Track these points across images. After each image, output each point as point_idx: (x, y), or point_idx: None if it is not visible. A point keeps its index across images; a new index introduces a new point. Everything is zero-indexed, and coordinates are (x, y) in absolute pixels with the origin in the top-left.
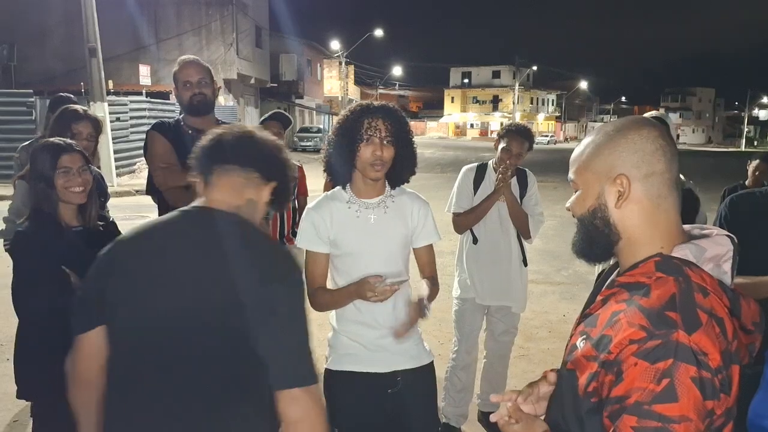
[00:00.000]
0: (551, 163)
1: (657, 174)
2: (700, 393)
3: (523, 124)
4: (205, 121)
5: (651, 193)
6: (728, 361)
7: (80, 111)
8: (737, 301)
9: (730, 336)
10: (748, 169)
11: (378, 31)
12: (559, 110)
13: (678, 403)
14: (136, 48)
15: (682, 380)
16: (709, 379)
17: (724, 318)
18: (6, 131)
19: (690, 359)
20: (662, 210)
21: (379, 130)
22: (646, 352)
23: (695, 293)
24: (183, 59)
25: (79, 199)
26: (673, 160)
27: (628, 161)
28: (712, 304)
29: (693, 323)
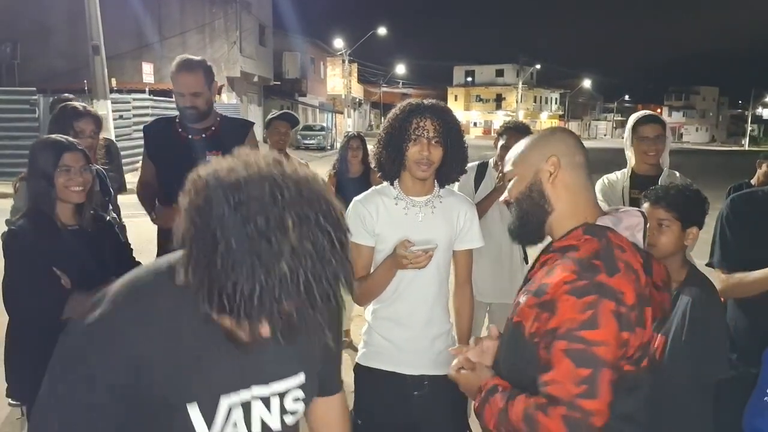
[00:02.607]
0: None
1: (578, 164)
2: (617, 324)
3: (522, 122)
4: (203, 122)
5: (575, 175)
6: (642, 302)
7: (81, 108)
8: (649, 261)
9: (642, 284)
10: (758, 168)
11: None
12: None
13: (599, 330)
14: (140, 46)
15: (603, 312)
16: (625, 313)
17: (638, 270)
18: (9, 129)
19: (610, 296)
20: (584, 190)
21: (426, 130)
22: (575, 289)
23: (615, 249)
24: (178, 62)
25: (79, 198)
26: (585, 155)
27: (558, 149)
28: (629, 259)
29: (613, 269)
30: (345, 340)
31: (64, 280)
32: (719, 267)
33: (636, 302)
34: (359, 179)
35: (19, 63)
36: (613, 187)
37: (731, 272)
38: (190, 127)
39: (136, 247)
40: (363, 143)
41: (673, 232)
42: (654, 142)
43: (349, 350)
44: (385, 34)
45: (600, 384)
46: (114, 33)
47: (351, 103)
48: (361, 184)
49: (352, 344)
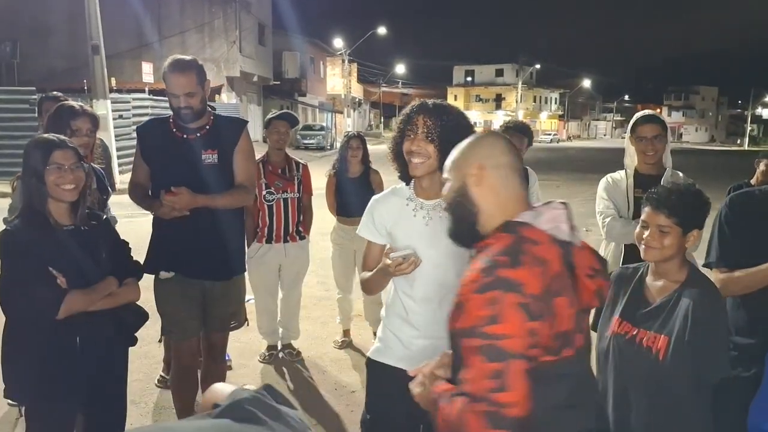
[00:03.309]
0: (554, 161)
1: (504, 165)
2: (523, 314)
3: (521, 121)
4: (197, 122)
5: (500, 177)
6: (551, 293)
7: (77, 107)
8: (569, 251)
9: (553, 274)
10: (756, 167)
11: (381, 29)
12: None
13: (504, 324)
14: (139, 45)
15: (507, 306)
16: (529, 303)
17: (549, 260)
18: (8, 128)
19: (513, 289)
20: (508, 188)
21: (417, 126)
22: (480, 287)
23: (524, 243)
24: (172, 62)
25: (71, 196)
26: (514, 156)
27: (482, 154)
28: (539, 251)
29: (516, 262)
30: (345, 339)
31: (60, 279)
32: (717, 266)
33: (542, 292)
34: (359, 179)
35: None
36: (617, 186)
37: (731, 271)
38: (185, 127)
39: (135, 247)
40: (363, 143)
41: (674, 237)
42: (652, 142)
43: (349, 350)
44: (384, 34)
45: (511, 376)
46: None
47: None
48: (360, 184)
49: (351, 344)
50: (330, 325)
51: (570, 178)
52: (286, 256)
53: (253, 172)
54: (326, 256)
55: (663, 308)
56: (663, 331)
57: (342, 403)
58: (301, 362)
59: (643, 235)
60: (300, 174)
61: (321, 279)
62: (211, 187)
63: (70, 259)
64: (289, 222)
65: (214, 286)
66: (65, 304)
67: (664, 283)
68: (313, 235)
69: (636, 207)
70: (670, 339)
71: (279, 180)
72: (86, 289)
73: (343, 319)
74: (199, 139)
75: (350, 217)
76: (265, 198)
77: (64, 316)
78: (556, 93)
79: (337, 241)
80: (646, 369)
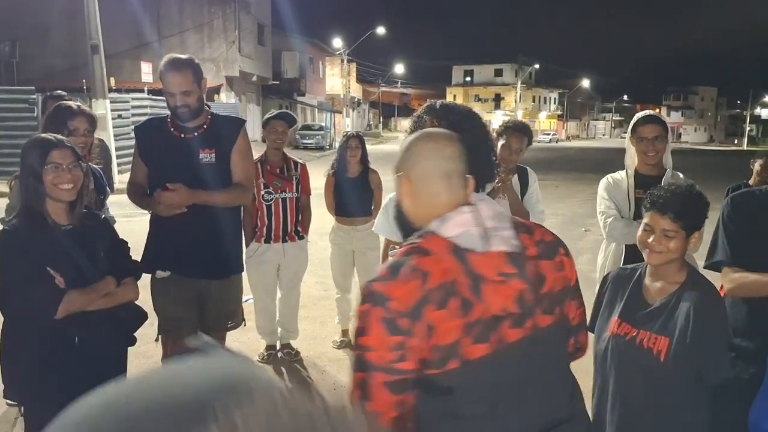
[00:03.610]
0: (553, 161)
1: (422, 171)
2: (385, 329)
3: (521, 120)
4: (195, 120)
5: (420, 185)
6: (425, 306)
7: (74, 107)
8: (464, 258)
9: (432, 287)
10: (752, 167)
11: (380, 28)
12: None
13: (369, 336)
14: (138, 45)
15: (373, 319)
16: (392, 318)
17: (431, 273)
18: (7, 128)
19: (379, 303)
20: (427, 195)
21: (424, 127)
22: (361, 299)
23: (412, 255)
24: (167, 61)
25: (68, 196)
26: (437, 160)
27: (405, 164)
28: (424, 264)
29: (390, 277)
30: (343, 339)
31: (58, 279)
32: (729, 265)
33: (412, 308)
34: (358, 179)
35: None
36: (618, 186)
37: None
38: (183, 126)
39: (134, 247)
40: (362, 143)
41: (679, 240)
42: (653, 143)
43: (348, 350)
44: (383, 34)
45: (372, 387)
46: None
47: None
48: (359, 184)
49: (350, 344)
50: (329, 325)
51: (569, 177)
52: (285, 255)
53: (250, 171)
54: (325, 255)
55: (663, 309)
56: (664, 332)
57: None
58: (300, 362)
59: (648, 239)
60: (298, 174)
61: (320, 279)
62: (209, 186)
63: (68, 259)
64: (287, 222)
65: (210, 286)
66: (63, 304)
67: (664, 284)
68: (311, 235)
69: (637, 207)
70: (671, 340)
71: (277, 180)
72: (84, 289)
73: (342, 319)
74: (197, 138)
75: (349, 217)
76: (264, 198)
77: (63, 316)
78: (555, 93)
79: (335, 241)
80: (647, 370)
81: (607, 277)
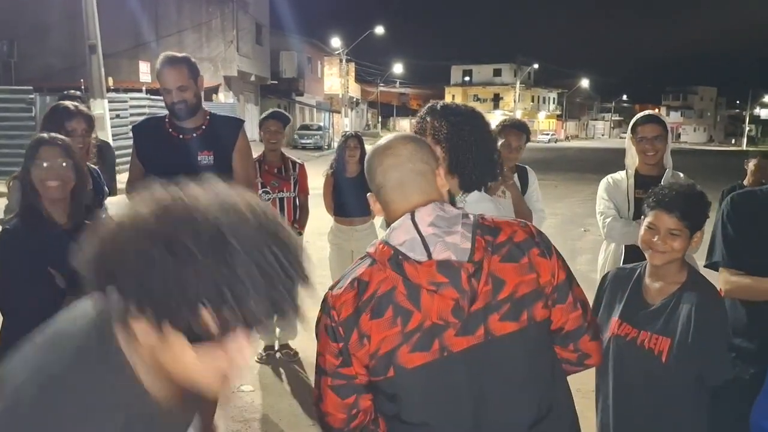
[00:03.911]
0: (552, 161)
1: (383, 185)
2: (327, 336)
3: (518, 119)
4: (192, 120)
5: (384, 199)
6: (359, 316)
7: (72, 108)
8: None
9: (368, 297)
10: (746, 168)
11: (379, 28)
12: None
13: (319, 342)
14: (137, 45)
15: (320, 326)
16: (333, 326)
17: (369, 282)
18: (6, 128)
19: (325, 311)
20: (391, 207)
21: (425, 128)
22: None
23: (360, 264)
24: (162, 58)
25: (55, 192)
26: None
27: (372, 180)
28: (365, 273)
29: (338, 285)
30: None
31: (58, 279)
32: (725, 266)
33: (349, 316)
34: (356, 179)
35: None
36: (617, 187)
37: (740, 271)
38: (181, 127)
39: None
40: (360, 143)
41: (684, 240)
42: (652, 143)
43: None
44: (382, 34)
45: (322, 389)
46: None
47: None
48: (358, 184)
49: None
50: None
51: (568, 177)
52: None
53: (251, 171)
54: (323, 255)
55: (664, 310)
56: (665, 333)
57: None
58: (299, 362)
59: (652, 238)
60: (296, 173)
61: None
62: None
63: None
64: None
65: None
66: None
67: (664, 284)
68: (310, 235)
69: (637, 207)
70: (673, 341)
71: (275, 179)
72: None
73: None
74: (195, 139)
75: (347, 217)
76: (261, 197)
77: None
78: (554, 93)
79: (334, 241)
80: (648, 370)
81: (605, 277)
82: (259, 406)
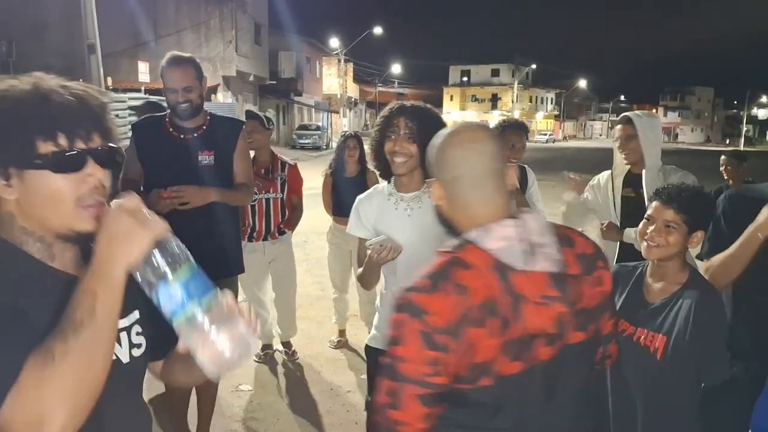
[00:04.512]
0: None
1: (460, 176)
2: (422, 343)
3: (516, 118)
4: (193, 120)
5: (456, 191)
6: (467, 323)
7: None
8: (506, 275)
9: (475, 304)
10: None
11: (377, 29)
12: (558, 109)
13: (403, 347)
14: (135, 45)
15: (409, 331)
16: (430, 333)
17: (473, 289)
18: None
19: (417, 315)
20: (466, 203)
21: (399, 127)
22: (397, 306)
23: (453, 267)
24: (169, 58)
25: None
26: (477, 162)
27: (439, 168)
28: (465, 278)
29: (432, 289)
30: (340, 340)
31: None
32: (707, 257)
33: (452, 324)
34: (355, 179)
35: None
36: (598, 186)
37: None
38: (181, 127)
39: None
40: (360, 143)
41: (679, 234)
42: (623, 142)
43: (345, 350)
44: (380, 34)
45: (402, 397)
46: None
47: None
48: (357, 183)
49: (347, 344)
50: (326, 325)
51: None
52: (265, 254)
53: (251, 171)
54: (322, 255)
55: (663, 309)
56: (661, 330)
57: (338, 403)
58: (297, 362)
59: (647, 229)
60: (285, 174)
61: (317, 279)
62: None
63: None
64: (270, 222)
65: None
66: None
67: (665, 284)
68: (309, 235)
69: (624, 207)
70: (669, 339)
71: (260, 180)
72: None
73: (339, 319)
74: (196, 139)
75: (346, 217)
76: None
77: None
78: (552, 93)
79: (333, 241)
80: (644, 368)
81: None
82: (258, 406)
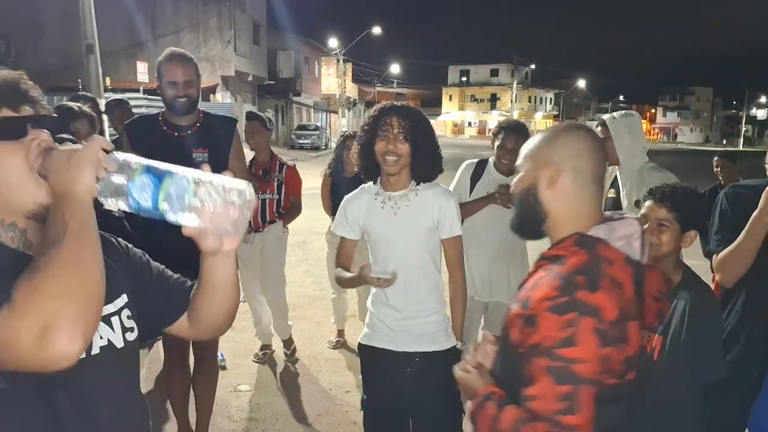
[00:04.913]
0: None
1: (582, 169)
2: (598, 340)
3: (517, 120)
4: (187, 117)
5: (575, 182)
6: (625, 317)
7: (76, 109)
8: (641, 272)
9: (627, 298)
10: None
11: (376, 28)
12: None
13: (578, 347)
14: (134, 45)
15: (583, 330)
16: (606, 329)
17: (624, 283)
18: None
19: (590, 313)
20: (583, 197)
21: (391, 126)
22: (556, 306)
23: (601, 263)
24: (169, 53)
25: None
26: (598, 160)
27: (561, 155)
28: (615, 273)
29: (595, 285)
30: (339, 339)
31: None
32: (716, 251)
33: (618, 318)
34: (355, 179)
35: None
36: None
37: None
38: (176, 124)
39: None
40: None
41: (672, 233)
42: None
43: (343, 350)
44: (379, 34)
45: (581, 400)
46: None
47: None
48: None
49: (346, 344)
50: (324, 325)
51: None
52: (255, 244)
53: (246, 170)
54: (321, 255)
55: None
56: (657, 330)
57: (336, 403)
58: (296, 362)
59: None
60: (282, 176)
61: (316, 279)
62: None
63: None
64: (265, 221)
65: None
66: None
67: None
68: (308, 235)
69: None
70: (665, 338)
71: (257, 181)
72: None
73: (338, 319)
74: (191, 136)
75: None
76: None
77: None
78: (551, 93)
79: (332, 241)
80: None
81: None
82: (257, 406)
